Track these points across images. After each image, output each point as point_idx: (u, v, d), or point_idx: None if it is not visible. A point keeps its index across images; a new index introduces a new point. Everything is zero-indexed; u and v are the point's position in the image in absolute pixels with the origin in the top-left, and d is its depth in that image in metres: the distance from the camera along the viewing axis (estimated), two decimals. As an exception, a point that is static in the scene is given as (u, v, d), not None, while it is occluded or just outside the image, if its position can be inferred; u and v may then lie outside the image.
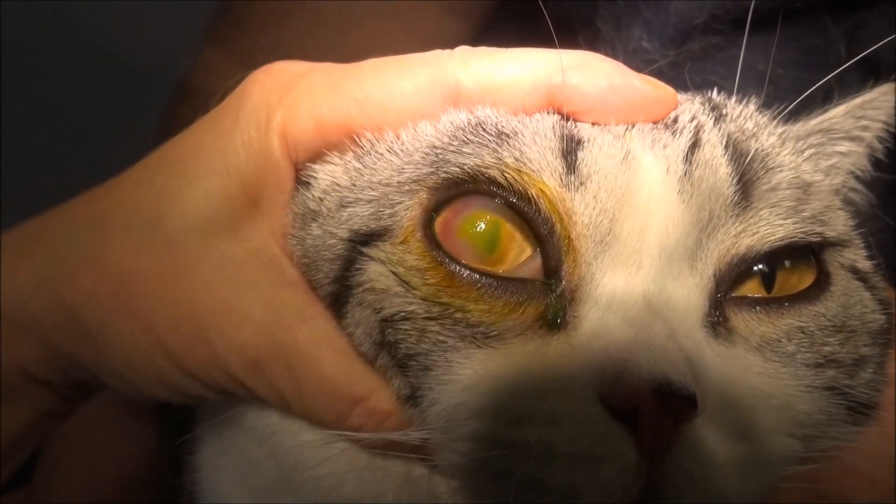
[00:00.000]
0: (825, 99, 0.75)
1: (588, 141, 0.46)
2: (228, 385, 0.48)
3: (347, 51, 0.51)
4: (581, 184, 0.45)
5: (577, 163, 0.45)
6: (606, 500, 0.41)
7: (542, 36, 0.94)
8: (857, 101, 0.56)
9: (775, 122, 0.54)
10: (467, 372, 0.44)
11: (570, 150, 0.45)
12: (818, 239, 0.48)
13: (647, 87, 0.48)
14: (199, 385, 0.48)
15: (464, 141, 0.47)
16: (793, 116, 0.59)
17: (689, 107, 0.51)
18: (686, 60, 0.80)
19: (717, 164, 0.46)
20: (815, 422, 0.46)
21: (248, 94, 0.49)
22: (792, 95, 0.75)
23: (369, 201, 0.47)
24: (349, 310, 0.47)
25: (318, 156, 0.49)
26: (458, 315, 0.45)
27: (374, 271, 0.46)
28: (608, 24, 0.83)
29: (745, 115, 0.53)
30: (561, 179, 0.45)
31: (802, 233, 0.48)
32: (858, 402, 0.48)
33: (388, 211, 0.47)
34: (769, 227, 0.47)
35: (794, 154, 0.52)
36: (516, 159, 0.45)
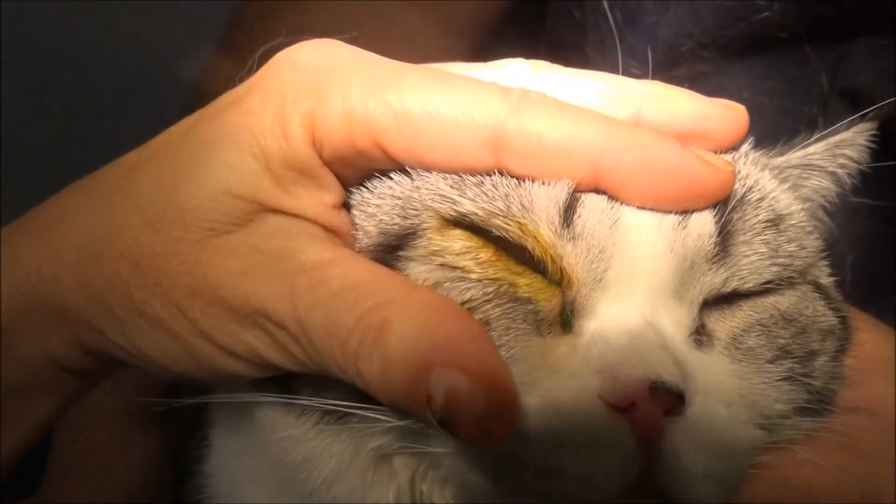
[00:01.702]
0: (810, 126, 0.78)
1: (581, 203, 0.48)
2: (251, 342, 0.45)
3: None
4: (573, 238, 0.48)
5: (574, 218, 0.47)
6: (611, 483, 0.45)
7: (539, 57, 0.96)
8: (836, 138, 0.59)
9: (757, 151, 0.57)
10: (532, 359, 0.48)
11: (568, 207, 0.47)
12: (790, 275, 0.53)
13: (706, 171, 0.45)
14: (223, 353, 0.46)
15: (481, 181, 0.47)
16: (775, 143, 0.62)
17: None
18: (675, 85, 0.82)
19: (701, 216, 0.49)
20: (779, 412, 0.51)
21: (280, 75, 0.46)
22: (778, 124, 0.77)
23: (392, 207, 0.49)
24: None
25: (342, 159, 0.47)
26: (510, 290, 0.47)
27: (422, 270, 0.47)
28: (594, 50, 0.85)
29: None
30: (556, 231, 0.47)
31: (779, 277, 0.52)
32: (815, 391, 0.53)
33: (413, 212, 0.48)
34: (751, 275, 0.51)
35: (771, 180, 0.55)
36: (522, 206, 0.47)
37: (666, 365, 0.46)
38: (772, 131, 0.75)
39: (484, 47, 1.02)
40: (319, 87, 0.44)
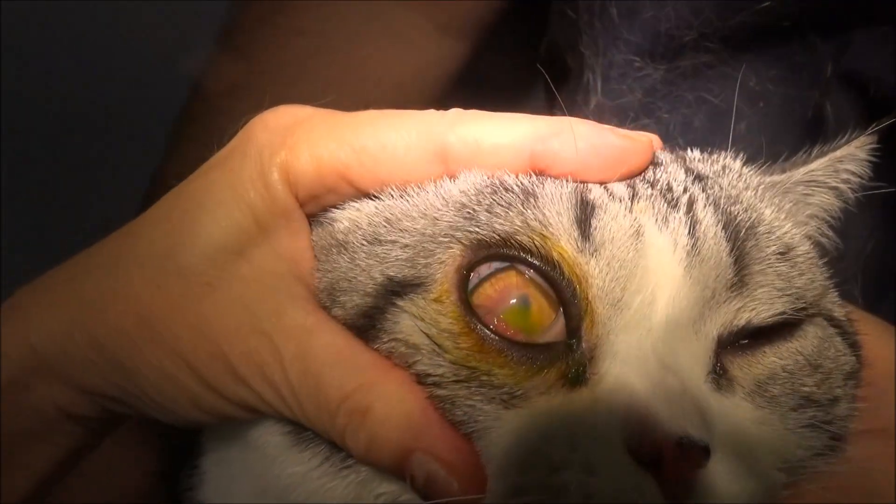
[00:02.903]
0: (816, 117, 0.78)
1: (600, 208, 0.49)
2: (247, 396, 0.49)
3: (349, 67, 0.52)
4: (595, 251, 0.48)
5: (591, 230, 0.48)
6: None
7: (534, 58, 0.96)
8: (837, 153, 0.60)
9: (756, 172, 0.57)
10: (499, 432, 0.47)
11: (584, 217, 0.48)
12: (802, 315, 0.52)
13: (624, 142, 0.51)
14: (225, 402, 0.50)
15: (493, 201, 0.49)
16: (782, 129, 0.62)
17: (675, 170, 0.54)
18: (678, 77, 0.82)
19: (718, 243, 0.50)
20: (799, 457, 0.51)
21: (254, 135, 0.52)
22: (783, 112, 0.77)
23: (404, 246, 0.49)
24: (380, 349, 0.48)
25: (316, 197, 0.52)
26: (484, 378, 0.47)
27: (407, 325, 0.48)
28: (589, 49, 0.85)
29: (719, 173, 0.56)
30: (577, 245, 0.48)
31: (793, 309, 0.51)
32: (835, 435, 0.52)
33: (423, 261, 0.49)
34: (764, 305, 0.50)
35: (775, 211, 0.55)
36: (539, 222, 0.48)
37: (692, 417, 0.45)
38: (778, 119, 0.76)
39: (483, 49, 1.02)
40: (288, 140, 0.51)
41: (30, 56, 1.35)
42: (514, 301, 0.47)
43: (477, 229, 0.48)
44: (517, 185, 0.49)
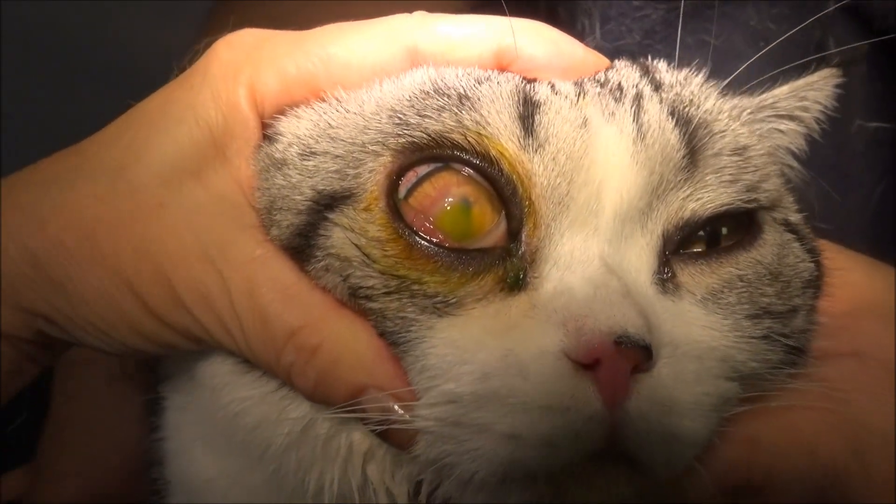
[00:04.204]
0: (819, 51, 0.76)
1: (545, 104, 0.48)
2: (190, 325, 0.48)
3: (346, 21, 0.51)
4: (539, 146, 0.47)
5: (535, 126, 0.47)
6: (577, 447, 0.43)
7: (537, 11, 0.94)
8: (800, 82, 0.58)
9: (718, 91, 0.56)
10: (432, 341, 0.46)
11: (527, 114, 0.47)
12: (754, 206, 0.51)
13: (587, 55, 0.52)
14: (166, 328, 0.49)
15: (424, 105, 0.48)
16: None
17: (630, 73, 0.53)
18: (677, 18, 0.80)
19: (664, 128, 0.49)
20: (753, 369, 0.49)
21: (217, 54, 0.51)
22: (785, 51, 0.75)
23: (335, 157, 0.48)
24: (315, 267, 0.47)
25: (283, 112, 0.51)
26: (416, 287, 0.46)
27: (338, 238, 0.47)
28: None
29: (682, 83, 0.54)
30: (519, 142, 0.47)
31: (740, 200, 0.50)
32: (792, 348, 0.51)
33: (352, 171, 0.47)
34: (712, 192, 0.49)
35: (730, 119, 0.53)
36: (476, 122, 0.47)
37: (631, 317, 0.44)
38: (780, 58, 0.74)
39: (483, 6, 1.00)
40: (253, 56, 0.50)
41: (28, 57, 1.34)
42: (450, 200, 0.46)
43: (407, 132, 0.47)
44: (452, 89, 0.48)
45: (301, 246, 0.47)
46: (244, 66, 0.50)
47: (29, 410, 0.89)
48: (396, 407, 0.45)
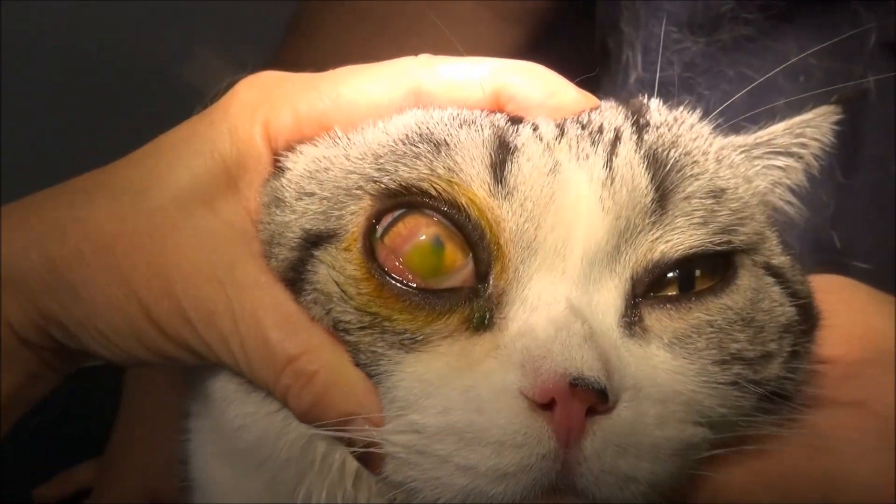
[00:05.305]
0: (859, 86, 0.75)
1: (519, 149, 0.49)
2: (192, 341, 0.51)
3: (407, 51, 0.53)
4: (508, 193, 0.48)
5: (505, 174, 0.48)
6: (531, 481, 0.45)
7: (591, 46, 0.95)
8: (797, 119, 0.58)
9: (708, 129, 0.56)
10: (401, 375, 0.48)
11: (499, 160, 0.49)
12: (726, 247, 0.51)
13: (579, 96, 0.53)
14: (168, 341, 0.52)
15: (403, 152, 0.50)
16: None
17: (613, 115, 0.54)
18: (718, 51, 0.80)
19: (635, 173, 0.49)
20: (721, 414, 0.49)
21: (238, 94, 0.54)
22: (824, 85, 0.75)
23: (321, 199, 0.51)
24: (305, 300, 0.50)
25: (293, 148, 0.54)
26: (386, 324, 0.48)
27: (323, 274, 0.50)
28: (630, 25, 0.84)
29: (670, 123, 0.54)
30: (489, 189, 0.48)
31: (711, 242, 0.50)
32: (769, 395, 0.50)
33: (336, 213, 0.50)
34: (682, 235, 0.49)
35: (714, 161, 0.53)
36: (449, 169, 0.49)
37: (588, 359, 0.44)
38: (820, 94, 0.73)
39: (541, 41, 1.02)
40: (270, 97, 0.54)
41: (30, 58, 1.37)
42: (420, 239, 0.48)
43: (384, 179, 0.49)
44: (433, 135, 0.50)
45: (294, 279, 0.50)
46: (261, 105, 0.53)
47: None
48: (374, 432, 0.47)
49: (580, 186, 0.48)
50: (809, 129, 0.58)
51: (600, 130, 0.51)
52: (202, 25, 1.03)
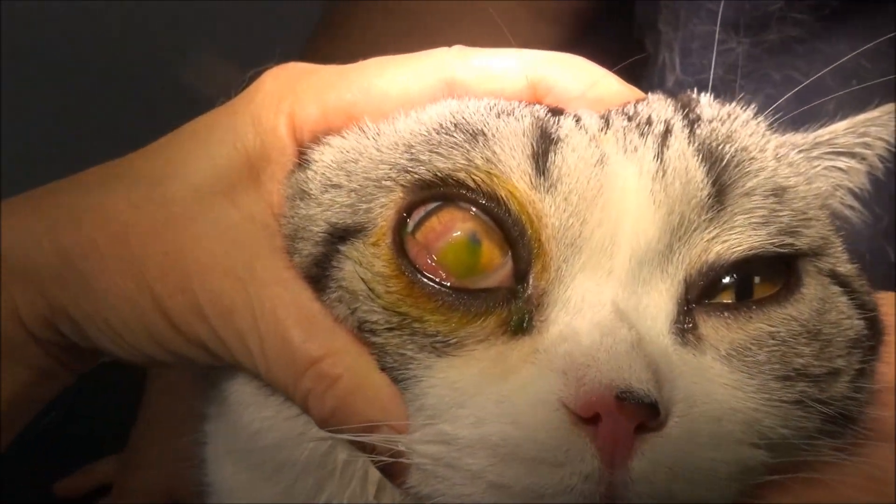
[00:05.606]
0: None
1: (562, 140, 0.46)
2: (207, 338, 0.48)
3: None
4: (552, 186, 0.45)
5: (548, 165, 0.45)
6: (570, 503, 0.41)
7: (630, 46, 0.93)
8: (860, 117, 0.54)
9: (765, 127, 0.52)
10: (431, 381, 0.45)
11: (542, 151, 0.46)
12: (788, 250, 0.47)
13: (622, 88, 0.51)
14: (181, 338, 0.49)
15: (438, 142, 0.47)
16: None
17: (662, 107, 0.50)
18: (764, 53, 0.76)
19: (689, 165, 0.46)
20: (783, 436, 0.45)
21: (263, 84, 0.52)
22: (879, 88, 0.71)
23: (349, 191, 0.48)
24: (329, 297, 0.47)
25: (320, 140, 0.52)
26: (416, 325, 0.45)
27: (349, 271, 0.47)
28: (668, 25, 0.81)
29: (724, 118, 0.51)
30: (531, 181, 0.45)
31: (772, 244, 0.46)
32: (833, 416, 0.46)
33: (364, 206, 0.47)
34: (740, 235, 0.46)
35: (773, 158, 0.50)
36: (487, 160, 0.46)
37: (637, 369, 0.41)
38: (873, 98, 0.70)
39: (580, 41, 0.99)
40: (296, 87, 0.51)
41: (30, 58, 1.37)
42: (455, 235, 0.45)
43: (417, 169, 0.46)
44: (469, 124, 0.47)
45: (318, 276, 0.47)
46: (287, 95, 0.51)
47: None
48: (400, 440, 0.44)
49: (629, 180, 0.45)
50: (874, 128, 0.54)
51: (649, 122, 0.48)
52: (202, 25, 1.02)
